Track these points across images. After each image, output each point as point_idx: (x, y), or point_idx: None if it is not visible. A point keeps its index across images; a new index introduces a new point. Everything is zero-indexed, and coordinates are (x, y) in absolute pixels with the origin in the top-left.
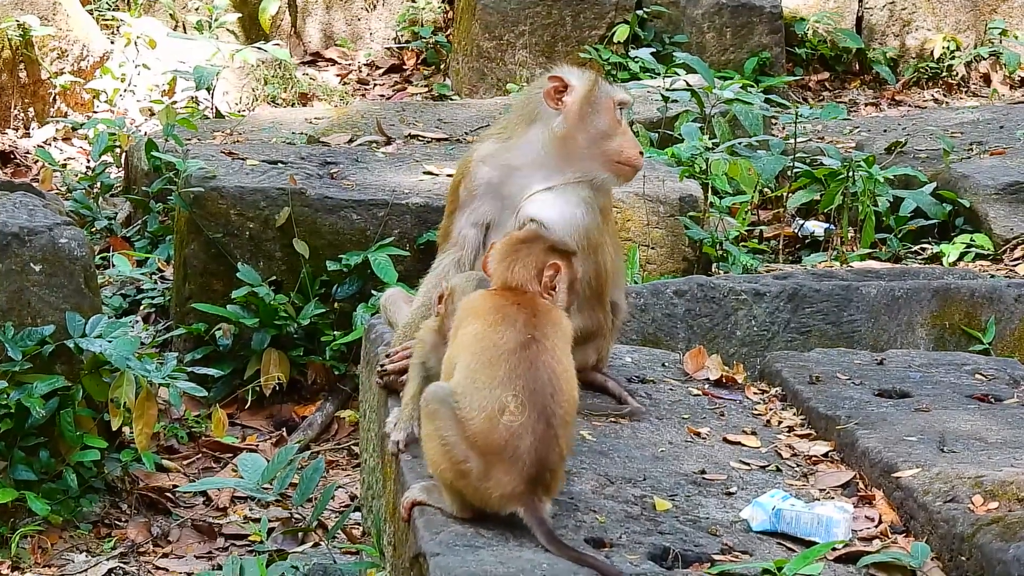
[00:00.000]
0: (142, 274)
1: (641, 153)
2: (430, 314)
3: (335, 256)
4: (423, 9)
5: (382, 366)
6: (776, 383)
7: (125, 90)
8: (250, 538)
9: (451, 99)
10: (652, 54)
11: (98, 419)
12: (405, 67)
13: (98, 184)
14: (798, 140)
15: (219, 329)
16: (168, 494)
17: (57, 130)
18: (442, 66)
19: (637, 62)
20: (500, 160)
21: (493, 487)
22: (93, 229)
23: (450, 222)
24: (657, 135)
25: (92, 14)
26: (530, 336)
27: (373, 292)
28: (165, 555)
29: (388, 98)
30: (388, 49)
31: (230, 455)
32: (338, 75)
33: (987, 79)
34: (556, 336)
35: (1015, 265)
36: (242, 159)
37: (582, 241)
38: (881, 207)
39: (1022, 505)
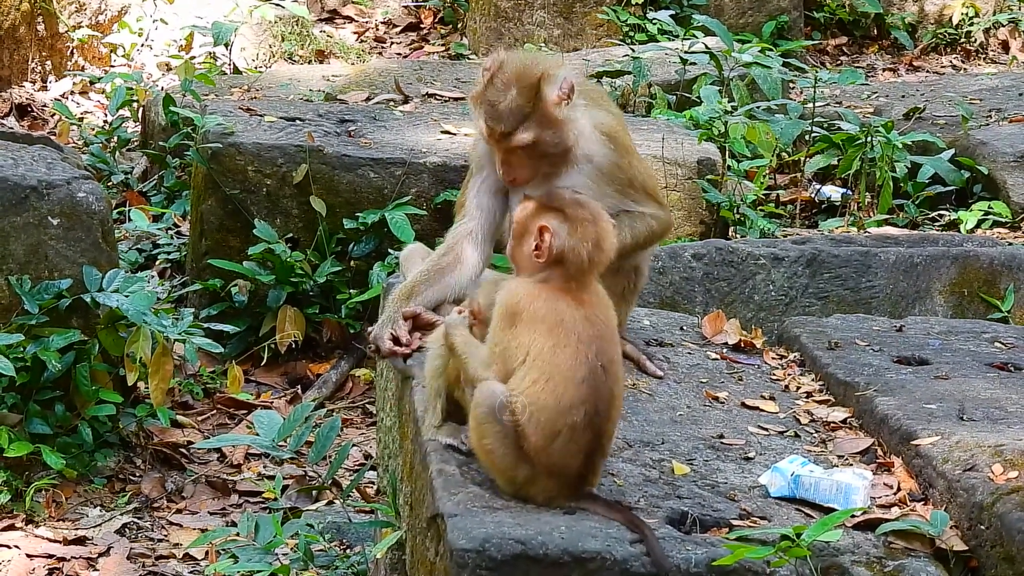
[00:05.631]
0: (158, 229)
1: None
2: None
3: (352, 214)
4: None
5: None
6: (794, 348)
7: (143, 45)
8: (264, 495)
9: (468, 58)
10: (670, 16)
11: (114, 374)
12: (422, 25)
13: (115, 138)
14: (816, 105)
15: (235, 285)
16: (183, 450)
17: (74, 84)
18: (459, 25)
19: (655, 24)
20: None
21: (538, 493)
22: (109, 183)
23: (464, 193)
24: (675, 98)
25: None
26: (600, 364)
27: (390, 251)
28: (179, 511)
29: (405, 56)
30: (405, 7)
31: (245, 412)
32: (355, 33)
33: (1006, 46)
34: (615, 341)
35: None
36: (260, 115)
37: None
38: (899, 173)
39: None
